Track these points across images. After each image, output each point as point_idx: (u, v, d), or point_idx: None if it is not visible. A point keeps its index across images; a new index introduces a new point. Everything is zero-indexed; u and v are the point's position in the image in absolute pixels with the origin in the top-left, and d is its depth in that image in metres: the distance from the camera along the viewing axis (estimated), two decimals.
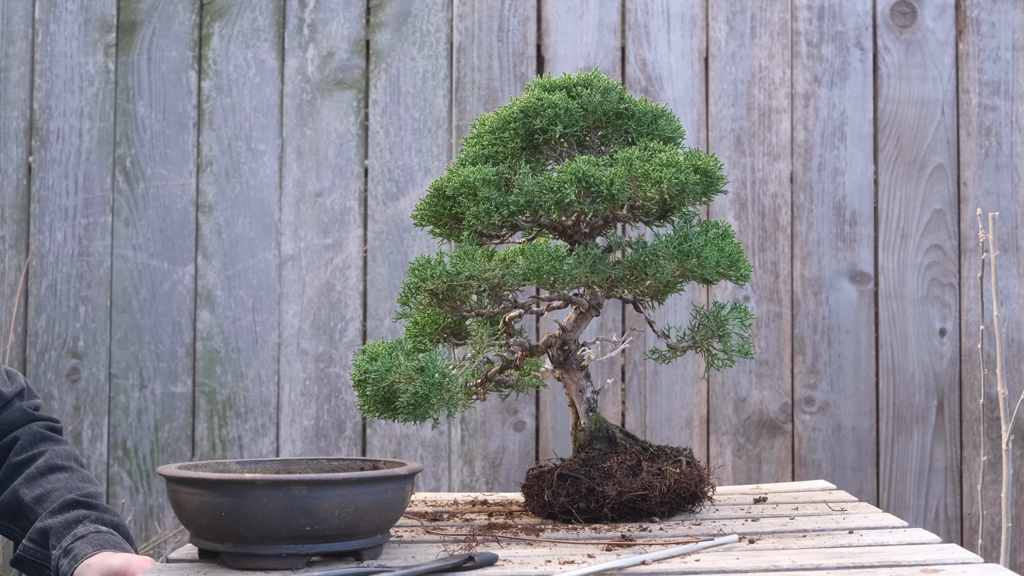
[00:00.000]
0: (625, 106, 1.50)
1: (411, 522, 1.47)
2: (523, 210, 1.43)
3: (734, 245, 1.47)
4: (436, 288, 1.45)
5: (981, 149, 2.66)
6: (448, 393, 1.38)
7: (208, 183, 2.64)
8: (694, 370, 2.61)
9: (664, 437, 2.60)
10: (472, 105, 2.65)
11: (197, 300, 2.61)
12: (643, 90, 2.66)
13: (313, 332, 2.62)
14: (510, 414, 2.62)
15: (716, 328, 1.51)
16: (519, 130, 1.48)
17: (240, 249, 2.63)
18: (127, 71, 2.65)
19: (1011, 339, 2.63)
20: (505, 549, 1.27)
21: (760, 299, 2.64)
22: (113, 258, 2.62)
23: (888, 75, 2.68)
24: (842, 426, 2.62)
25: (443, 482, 2.61)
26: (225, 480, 1.18)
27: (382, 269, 2.63)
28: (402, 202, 2.64)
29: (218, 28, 2.66)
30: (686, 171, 1.43)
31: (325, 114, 2.65)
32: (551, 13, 2.67)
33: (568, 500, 1.44)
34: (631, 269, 1.45)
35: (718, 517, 1.48)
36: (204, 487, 1.19)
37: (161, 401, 2.59)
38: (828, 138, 2.67)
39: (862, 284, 2.65)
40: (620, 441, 1.50)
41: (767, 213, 2.65)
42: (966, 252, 2.65)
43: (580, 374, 1.53)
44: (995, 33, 2.68)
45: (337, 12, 2.67)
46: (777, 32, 2.67)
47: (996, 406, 2.60)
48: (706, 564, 1.18)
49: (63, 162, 2.63)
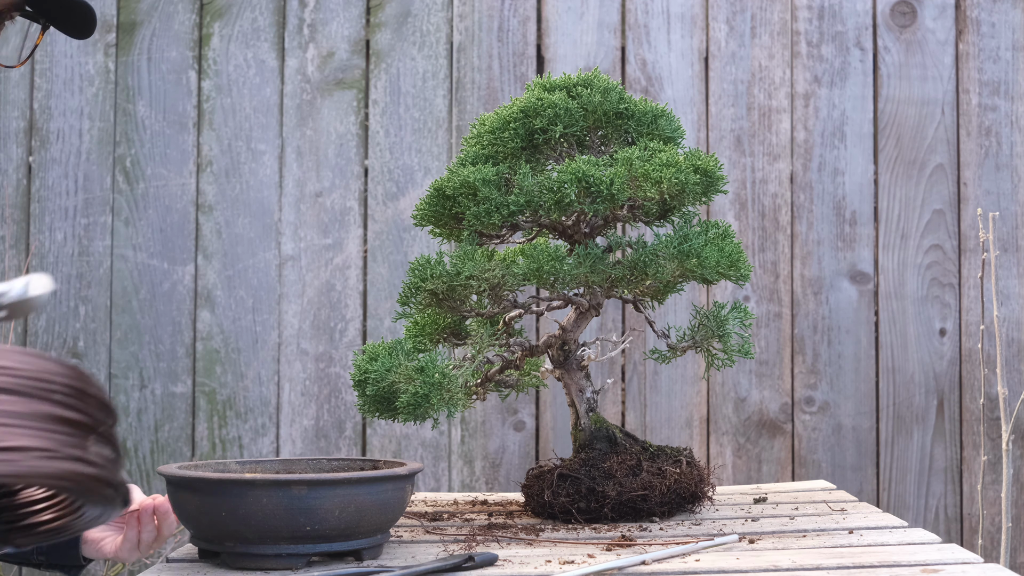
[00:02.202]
0: (625, 106, 1.50)
1: (411, 522, 1.47)
2: (523, 210, 1.43)
3: (734, 245, 1.47)
4: (436, 288, 1.45)
5: (981, 149, 2.66)
6: (448, 393, 1.38)
7: (208, 183, 2.64)
8: (694, 370, 2.61)
9: (664, 437, 2.60)
10: (472, 105, 2.65)
11: (197, 300, 2.61)
12: (643, 90, 2.66)
13: (313, 332, 2.62)
14: (510, 414, 2.62)
15: (716, 328, 1.51)
16: (519, 130, 1.48)
17: (240, 249, 2.63)
18: (127, 71, 2.65)
19: (1011, 339, 2.63)
20: (505, 549, 1.27)
21: (760, 299, 2.64)
22: (113, 258, 2.62)
23: (888, 75, 2.68)
24: (842, 426, 2.62)
25: (443, 482, 2.61)
26: (225, 480, 1.18)
27: (382, 269, 2.63)
28: (402, 202, 2.64)
29: (218, 28, 2.66)
30: (686, 171, 1.43)
31: (325, 114, 2.65)
32: (551, 13, 2.67)
33: (568, 500, 1.44)
34: (631, 269, 1.45)
35: (718, 517, 1.48)
36: (204, 487, 1.19)
37: (161, 401, 2.59)
38: (828, 138, 2.66)
39: (862, 284, 2.65)
40: (620, 441, 1.50)
41: (767, 213, 2.65)
42: (966, 252, 2.65)
43: (580, 374, 1.53)
44: (995, 33, 2.68)
45: (337, 12, 2.67)
46: (777, 32, 2.67)
47: (996, 406, 2.60)
48: (706, 564, 1.18)
49: (63, 162, 2.63)
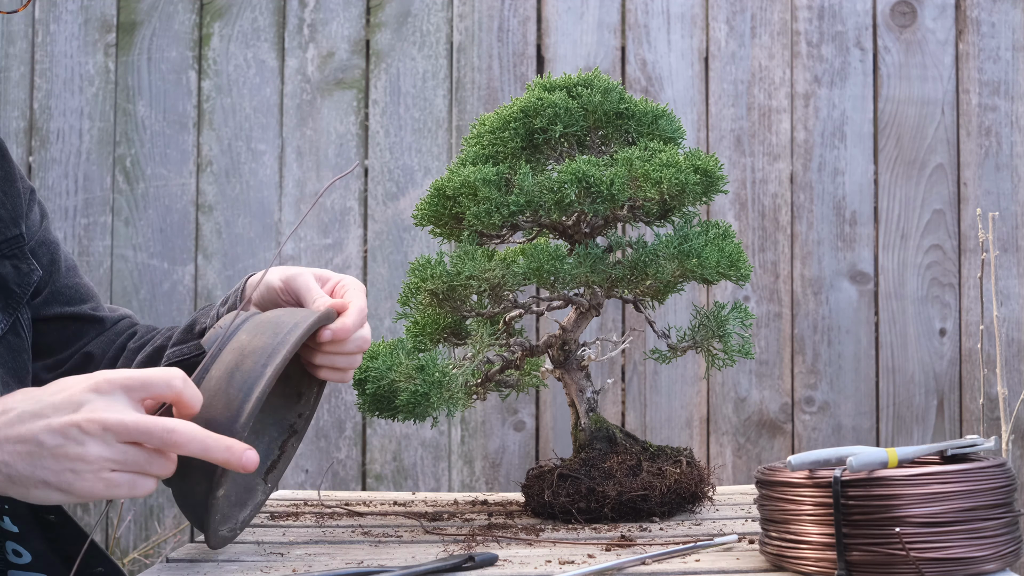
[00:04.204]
0: (625, 106, 1.50)
1: (411, 522, 1.47)
2: (523, 210, 1.43)
3: (734, 245, 1.47)
4: (436, 288, 1.45)
5: (981, 149, 2.66)
6: (448, 392, 1.38)
7: (208, 183, 2.64)
8: (694, 370, 2.61)
9: (664, 437, 2.60)
10: (472, 105, 2.65)
11: (197, 300, 2.61)
12: (643, 90, 2.66)
13: None
14: (510, 414, 2.61)
15: (716, 328, 1.51)
16: (519, 130, 1.48)
17: (240, 249, 2.63)
18: (127, 71, 2.65)
19: (1011, 339, 2.63)
20: (505, 549, 1.27)
21: (760, 299, 2.64)
22: (113, 258, 2.62)
23: (888, 75, 2.68)
24: (842, 426, 2.62)
25: (443, 482, 2.61)
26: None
27: (382, 269, 2.63)
28: (402, 202, 2.64)
29: (218, 28, 2.66)
30: (686, 171, 1.43)
31: (325, 114, 2.65)
32: (551, 13, 2.67)
33: (568, 500, 1.44)
34: (631, 269, 1.45)
35: (718, 517, 1.48)
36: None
37: None
38: (828, 138, 2.66)
39: (862, 284, 2.65)
40: (620, 441, 1.50)
41: (767, 213, 2.65)
42: (966, 252, 2.65)
43: (580, 374, 1.53)
44: (995, 33, 2.68)
45: (337, 12, 2.67)
46: (777, 32, 2.67)
47: (996, 406, 2.60)
48: (706, 564, 1.18)
49: (63, 162, 2.63)
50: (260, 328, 1.14)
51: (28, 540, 1.38)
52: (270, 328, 1.13)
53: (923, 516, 1.03)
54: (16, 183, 1.44)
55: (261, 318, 1.17)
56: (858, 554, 1.05)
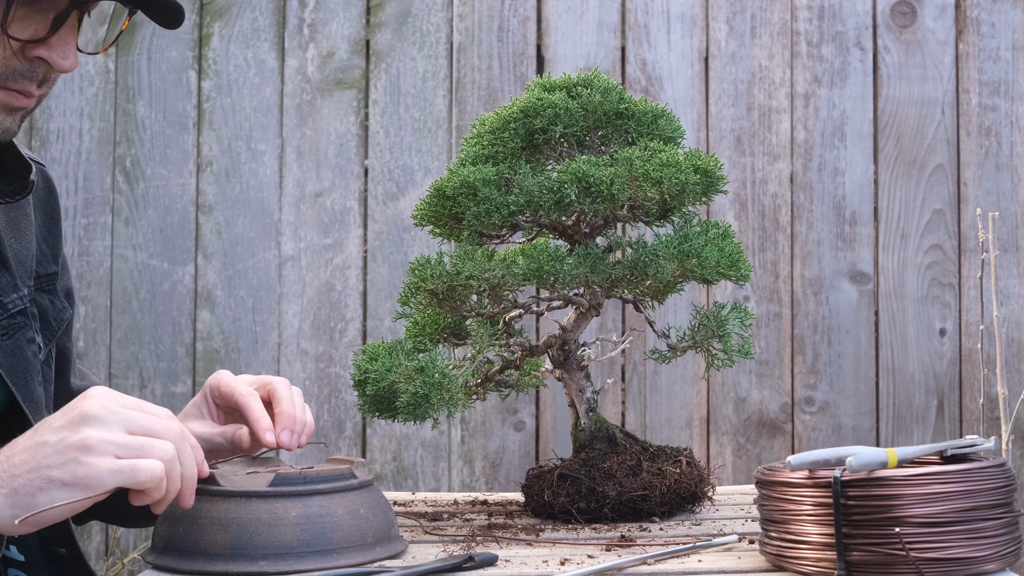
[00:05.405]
0: (625, 106, 1.50)
1: (411, 522, 1.47)
2: (523, 210, 1.43)
3: (734, 245, 1.47)
4: (436, 288, 1.45)
5: (981, 149, 2.66)
6: (448, 393, 1.38)
7: (208, 183, 2.64)
8: (694, 370, 2.61)
9: (664, 437, 2.60)
10: (472, 105, 2.65)
11: (197, 300, 2.61)
12: (643, 90, 2.66)
13: (313, 332, 2.62)
14: (510, 414, 2.62)
15: (716, 328, 1.51)
16: (519, 130, 1.48)
17: (240, 249, 2.63)
18: (127, 71, 2.65)
19: (1011, 339, 2.63)
20: (505, 549, 1.27)
21: (760, 299, 2.64)
22: (113, 258, 2.62)
23: (888, 75, 2.68)
24: (842, 426, 2.62)
25: (443, 482, 2.61)
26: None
27: (382, 269, 2.63)
28: (402, 202, 2.64)
29: (218, 28, 2.66)
30: (686, 171, 1.43)
31: (325, 114, 2.65)
32: (551, 13, 2.67)
33: (568, 500, 1.44)
34: (631, 269, 1.45)
35: (718, 517, 1.48)
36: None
37: (161, 401, 2.59)
38: (828, 138, 2.66)
39: (862, 284, 2.65)
40: (620, 441, 1.50)
41: (767, 213, 2.65)
42: (966, 252, 2.65)
43: (580, 374, 1.53)
44: (995, 33, 2.68)
45: (337, 12, 2.67)
46: (777, 32, 2.67)
47: (996, 406, 2.60)
48: (706, 564, 1.18)
49: (63, 162, 2.63)
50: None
51: (33, 570, 1.38)
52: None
53: (923, 516, 1.03)
54: (59, 223, 1.49)
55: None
56: (858, 554, 1.05)
